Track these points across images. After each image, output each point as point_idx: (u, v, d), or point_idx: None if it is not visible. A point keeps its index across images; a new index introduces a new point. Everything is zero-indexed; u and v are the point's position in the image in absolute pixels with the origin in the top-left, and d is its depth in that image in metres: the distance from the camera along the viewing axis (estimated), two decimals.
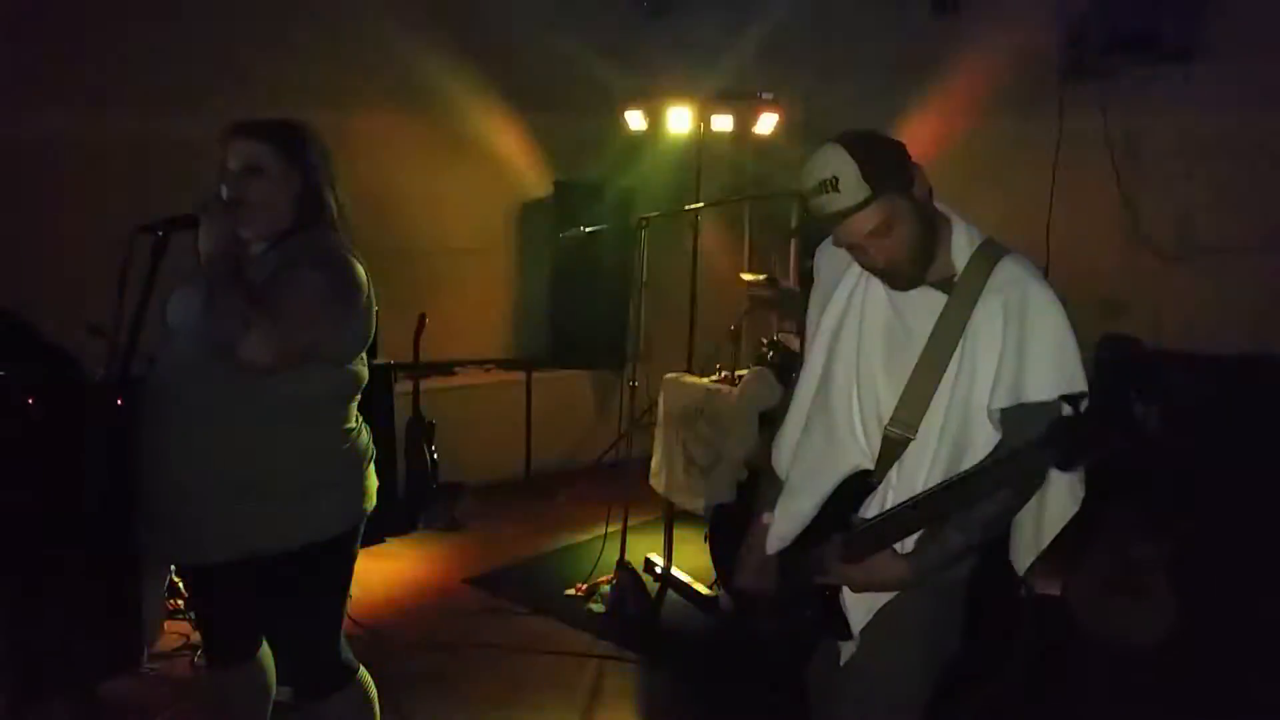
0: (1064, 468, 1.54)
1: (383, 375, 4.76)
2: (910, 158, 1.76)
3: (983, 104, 5.16)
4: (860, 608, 1.86)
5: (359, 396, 2.32)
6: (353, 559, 2.35)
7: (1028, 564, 1.92)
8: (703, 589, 4.29)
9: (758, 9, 6.08)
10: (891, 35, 5.63)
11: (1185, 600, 3.32)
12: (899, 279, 1.81)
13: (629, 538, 4.35)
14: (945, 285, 1.80)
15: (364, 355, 2.30)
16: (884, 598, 1.83)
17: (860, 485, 1.87)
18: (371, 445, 2.37)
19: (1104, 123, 4.68)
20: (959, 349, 1.76)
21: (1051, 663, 3.38)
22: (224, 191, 2.13)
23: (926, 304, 1.81)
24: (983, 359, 1.75)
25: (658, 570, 4.53)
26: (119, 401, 2.79)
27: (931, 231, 1.79)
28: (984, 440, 1.77)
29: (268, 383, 2.06)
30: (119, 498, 3.27)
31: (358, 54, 5.57)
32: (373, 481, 2.36)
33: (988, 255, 1.80)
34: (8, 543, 2.96)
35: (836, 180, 1.67)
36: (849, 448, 1.88)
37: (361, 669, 2.39)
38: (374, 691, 2.40)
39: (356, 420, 2.32)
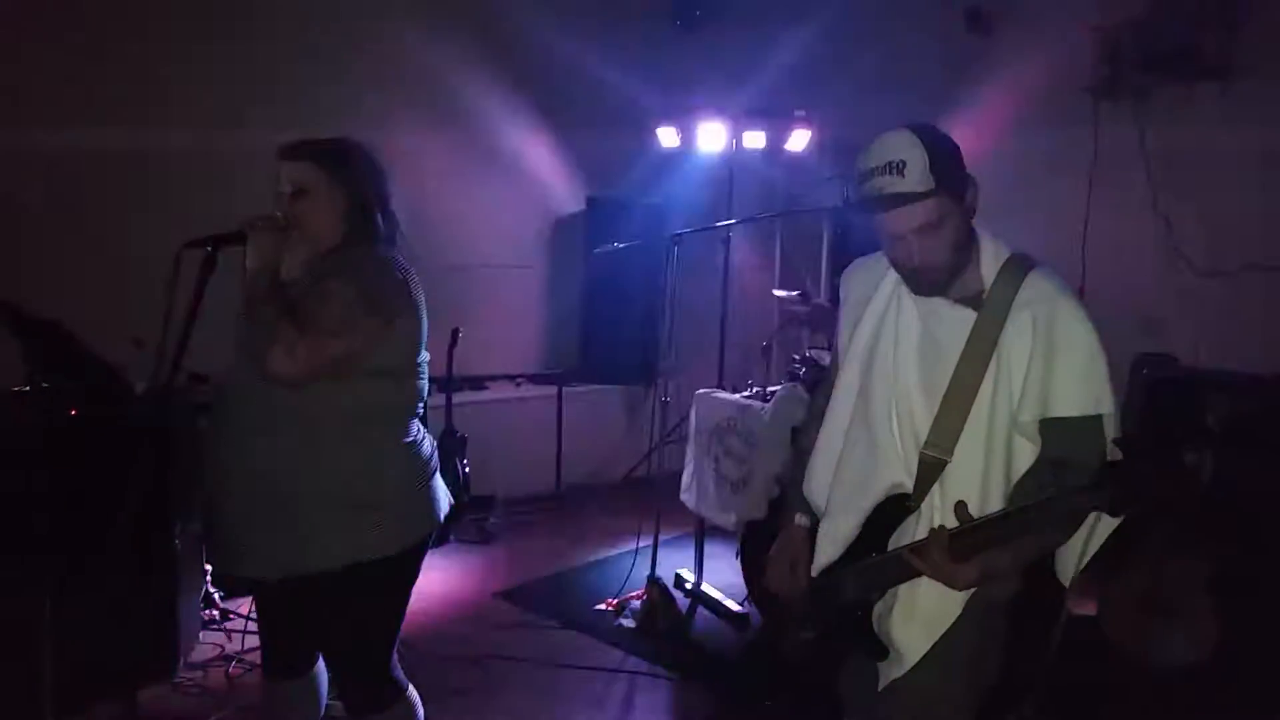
0: (1114, 513, 1.53)
1: None
2: (966, 169, 1.77)
3: (1018, 121, 5.14)
4: (918, 634, 1.83)
5: (420, 409, 2.31)
6: (414, 576, 2.33)
7: (1073, 571, 1.86)
8: (733, 605, 4.28)
9: (791, 26, 6.09)
10: (925, 52, 5.62)
11: (1226, 622, 3.27)
12: (927, 283, 1.81)
13: (660, 553, 4.35)
14: (974, 302, 1.80)
15: (423, 367, 2.29)
16: (943, 625, 1.81)
17: (895, 507, 1.85)
18: (435, 458, 2.36)
19: (1140, 139, 4.65)
20: (992, 366, 1.75)
21: (1088, 683, 3.34)
22: (279, 212, 2.16)
23: (957, 321, 1.79)
24: (1016, 375, 1.74)
25: (688, 586, 4.52)
26: (161, 415, 2.84)
27: (969, 242, 1.81)
28: (1028, 455, 1.78)
29: (323, 397, 2.07)
30: (158, 509, 3.34)
31: (395, 72, 5.65)
32: (439, 496, 2.34)
33: (1015, 269, 1.79)
34: (48, 552, 3.01)
35: (904, 165, 1.67)
36: (892, 464, 1.85)
37: (410, 687, 2.39)
38: (421, 710, 2.40)
39: (418, 433, 2.31)
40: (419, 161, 5.70)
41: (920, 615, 1.83)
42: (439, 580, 4.70)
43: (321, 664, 2.45)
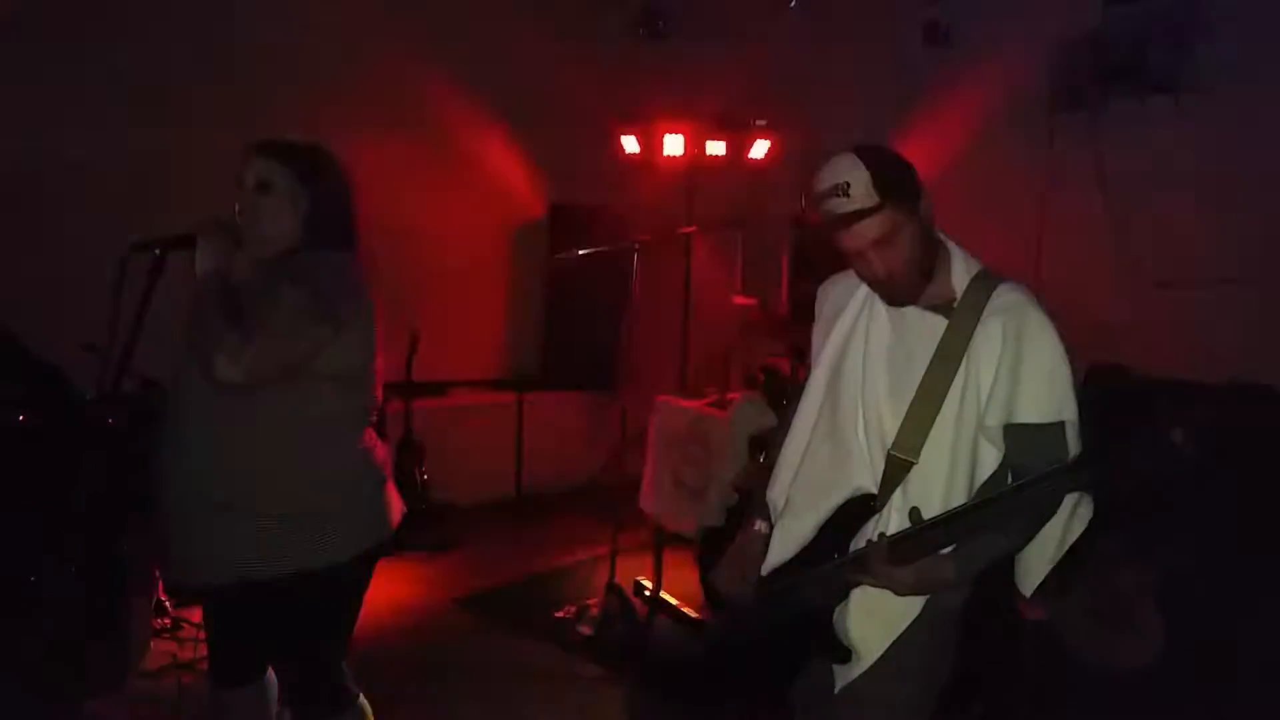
0: (1098, 491, 1.60)
1: None
2: (919, 180, 1.82)
3: (973, 133, 5.21)
4: (876, 634, 1.85)
5: (373, 416, 2.30)
6: (365, 583, 2.31)
7: (1035, 584, 1.92)
8: (692, 612, 4.28)
9: (753, 36, 6.14)
10: (884, 64, 5.68)
11: (1171, 627, 3.33)
12: (895, 292, 1.86)
13: (619, 560, 4.34)
14: (945, 309, 1.84)
15: (375, 374, 2.25)
16: (901, 625, 1.83)
17: (859, 509, 1.87)
18: (387, 465, 2.34)
19: (1094, 152, 4.72)
20: (961, 371, 1.79)
21: (1040, 688, 3.38)
22: (238, 206, 2.13)
23: (928, 328, 1.84)
24: (984, 380, 1.79)
25: (647, 593, 4.52)
26: (109, 420, 2.80)
27: (930, 251, 1.85)
28: (992, 459, 1.82)
29: (276, 402, 2.05)
30: (107, 515, 3.29)
31: (354, 76, 5.60)
32: (392, 503, 2.33)
33: (986, 281, 1.85)
34: None
35: (848, 185, 1.73)
36: (856, 468, 1.88)
37: (361, 695, 2.36)
38: (371, 719, 2.37)
39: (372, 441, 2.29)
40: (380, 167, 5.63)
41: (879, 614, 1.85)
42: (397, 588, 4.66)
43: (271, 672, 2.42)
